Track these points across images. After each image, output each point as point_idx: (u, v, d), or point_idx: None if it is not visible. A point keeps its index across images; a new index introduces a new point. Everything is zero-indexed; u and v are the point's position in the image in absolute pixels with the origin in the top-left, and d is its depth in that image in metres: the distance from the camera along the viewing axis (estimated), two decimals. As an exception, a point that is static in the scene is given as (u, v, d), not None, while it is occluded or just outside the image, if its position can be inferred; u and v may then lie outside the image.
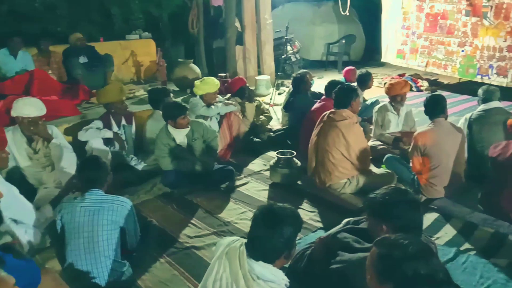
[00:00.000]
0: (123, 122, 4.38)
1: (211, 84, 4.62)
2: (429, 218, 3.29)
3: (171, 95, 4.56)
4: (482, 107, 3.90)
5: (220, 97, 4.92)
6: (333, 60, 10.39)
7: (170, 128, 3.83)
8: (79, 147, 4.02)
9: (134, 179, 4.09)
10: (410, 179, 3.71)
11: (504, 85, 6.66)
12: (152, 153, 4.11)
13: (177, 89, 6.55)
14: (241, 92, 5.10)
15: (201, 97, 4.66)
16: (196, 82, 4.69)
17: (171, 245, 3.08)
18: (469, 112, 4.07)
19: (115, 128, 4.28)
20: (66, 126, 4.59)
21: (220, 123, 4.72)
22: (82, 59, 6.07)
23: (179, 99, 5.04)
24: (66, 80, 6.11)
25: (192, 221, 3.41)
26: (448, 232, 3.10)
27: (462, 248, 2.86)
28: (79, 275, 2.38)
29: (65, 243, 2.46)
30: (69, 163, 3.52)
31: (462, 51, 7.24)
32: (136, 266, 2.71)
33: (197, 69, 6.72)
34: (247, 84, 5.41)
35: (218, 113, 4.73)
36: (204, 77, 4.93)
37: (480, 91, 3.98)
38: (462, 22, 7.17)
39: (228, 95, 5.18)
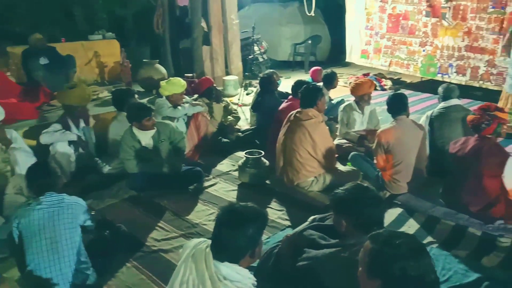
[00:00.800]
0: (82, 124, 4.26)
1: (177, 84, 4.57)
2: (393, 213, 3.38)
3: (136, 96, 4.48)
4: (442, 104, 4.04)
5: (187, 98, 4.87)
6: (300, 60, 10.50)
7: (135, 130, 3.75)
8: (40, 151, 3.89)
9: (99, 182, 3.99)
10: (375, 175, 3.80)
11: (463, 83, 6.95)
12: (117, 155, 4.02)
13: (143, 90, 6.45)
14: (209, 92, 5.07)
15: (167, 98, 4.60)
16: (162, 83, 4.62)
17: (138, 249, 3.02)
18: (430, 110, 4.20)
19: (74, 130, 4.15)
20: (25, 130, 4.42)
21: (187, 124, 4.67)
22: (43, 61, 5.86)
23: (144, 100, 4.97)
24: (25, 82, 5.88)
25: (159, 224, 3.36)
26: (411, 226, 3.19)
27: (425, 242, 2.95)
28: (40, 280, 2.30)
29: (24, 250, 2.37)
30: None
31: (423, 50, 7.48)
32: (102, 271, 2.65)
33: (163, 70, 6.63)
34: (215, 85, 5.38)
35: (185, 114, 4.68)
36: (170, 78, 4.86)
37: (440, 89, 4.13)
38: (423, 23, 7.42)
39: (195, 95, 5.14)
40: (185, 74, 6.78)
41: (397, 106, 3.66)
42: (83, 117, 4.31)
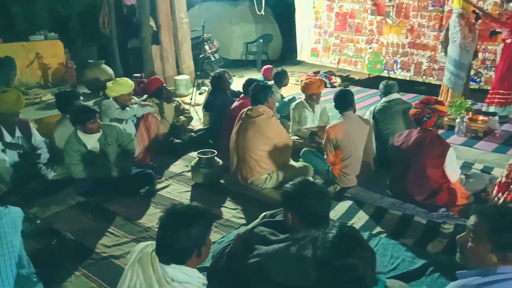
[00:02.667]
0: (18, 133, 3.94)
1: (125, 85, 4.44)
2: (344, 206, 3.47)
3: (81, 98, 4.29)
4: (384, 99, 4.20)
5: (135, 99, 4.75)
6: (253, 59, 10.55)
7: (80, 134, 3.60)
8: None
9: (44, 189, 3.80)
10: (325, 170, 3.89)
11: (408, 78, 7.27)
12: (62, 161, 3.84)
13: (89, 91, 6.21)
14: (159, 92, 4.96)
15: (115, 99, 4.46)
16: (108, 84, 4.47)
17: (87, 256, 2.91)
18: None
19: (8, 138, 3.86)
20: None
21: (137, 125, 4.55)
22: (-23, 63, 5.50)
23: (90, 102, 4.78)
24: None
25: (109, 230, 3.25)
26: (361, 218, 3.28)
27: (374, 232, 3.05)
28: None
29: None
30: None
31: (370, 48, 7.75)
32: (48, 281, 2.51)
33: (109, 70, 6.43)
34: (165, 84, 5.28)
35: (135, 115, 4.55)
36: (117, 78, 4.71)
37: (381, 86, 4.29)
38: (369, 21, 7.68)
39: (145, 96, 5.02)
40: (134, 74, 6.61)
41: (343, 102, 3.77)
42: (20, 124, 4.00)
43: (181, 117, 5.28)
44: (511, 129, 5.24)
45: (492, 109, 5.46)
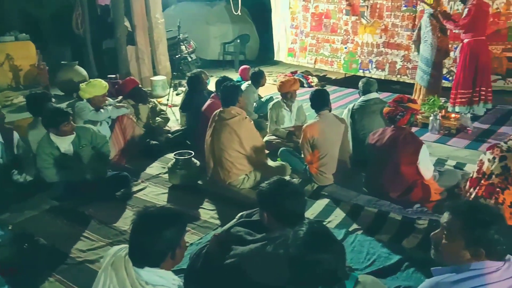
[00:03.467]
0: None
1: (99, 86, 4.36)
2: (321, 204, 3.50)
3: (53, 100, 4.19)
4: (362, 98, 4.25)
5: (110, 100, 4.67)
6: (230, 59, 10.53)
7: (53, 136, 3.52)
8: None
9: (16, 194, 3.69)
10: (303, 169, 3.91)
11: (383, 77, 7.39)
12: (35, 164, 3.74)
13: (62, 93, 6.07)
14: (134, 93, 4.90)
15: (89, 100, 4.38)
16: (82, 85, 4.39)
17: (61, 261, 2.84)
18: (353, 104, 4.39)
19: None
20: None
21: (112, 127, 4.48)
22: None
23: (64, 104, 4.68)
24: None
25: (84, 234, 3.19)
26: (338, 215, 3.32)
27: (351, 229, 3.09)
28: None
29: None
30: None
31: (345, 48, 7.84)
32: None
33: (83, 72, 6.31)
34: (140, 85, 5.21)
35: (109, 117, 4.48)
36: (91, 80, 4.62)
37: (360, 84, 4.33)
38: (344, 21, 7.77)
39: (120, 97, 4.94)
40: (108, 76, 6.50)
41: (319, 102, 3.80)
42: (3, 131, 3.86)
43: (157, 118, 5.22)
44: (482, 126, 5.39)
45: (457, 109, 5.57)
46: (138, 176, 4.17)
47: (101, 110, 4.40)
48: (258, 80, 5.57)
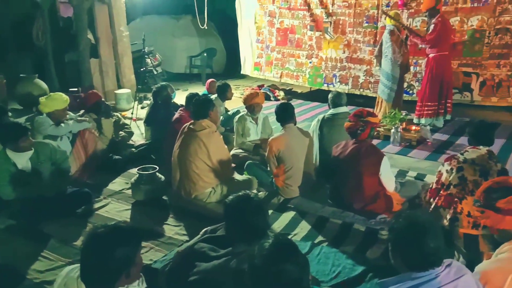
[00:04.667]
0: None
1: (59, 100, 4.24)
2: (287, 217, 3.51)
3: (9, 114, 4.03)
4: (332, 111, 4.29)
5: (71, 114, 4.54)
6: (197, 72, 10.51)
7: (9, 152, 3.37)
8: None
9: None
10: (269, 182, 3.92)
11: (347, 91, 7.55)
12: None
13: (21, 107, 5.86)
14: (96, 107, 4.79)
15: (49, 115, 4.24)
16: (41, 99, 4.25)
17: (18, 283, 2.71)
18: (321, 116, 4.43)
19: None
20: None
21: (73, 142, 4.35)
22: None
23: (22, 119, 4.51)
24: None
25: (43, 254, 3.06)
26: (304, 228, 3.34)
27: (316, 241, 3.11)
28: None
29: None
30: None
31: (310, 62, 8.00)
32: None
33: (43, 85, 6.13)
34: (103, 99, 5.11)
35: (70, 132, 4.35)
36: (51, 93, 4.49)
37: (330, 96, 4.37)
38: (308, 36, 7.94)
39: (82, 111, 4.82)
40: (70, 89, 6.34)
41: (284, 115, 3.84)
42: None
43: (121, 132, 5.12)
44: (441, 137, 5.61)
45: (423, 121, 5.80)
46: (100, 192, 4.06)
47: (62, 124, 4.27)
48: (224, 93, 5.59)
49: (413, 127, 5.45)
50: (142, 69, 7.66)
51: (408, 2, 6.60)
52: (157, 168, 3.90)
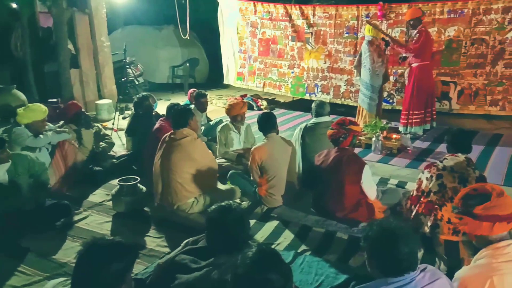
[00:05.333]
0: None
1: (38, 111, 4.17)
2: (270, 227, 3.50)
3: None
4: (314, 120, 4.33)
5: (50, 125, 4.46)
6: (180, 82, 10.49)
7: (-15, 165, 3.30)
8: None
9: None
10: (252, 191, 3.91)
11: (328, 101, 7.63)
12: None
13: (-2, 119, 5.73)
14: (76, 118, 4.72)
15: (27, 126, 4.17)
16: (19, 110, 4.18)
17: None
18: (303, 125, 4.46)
19: None
20: None
21: (52, 153, 4.27)
22: None
23: (-1, 130, 4.41)
24: None
25: (20, 269, 2.97)
26: (287, 237, 3.33)
27: (299, 250, 3.11)
28: None
29: None
30: None
31: (292, 72, 8.07)
32: None
33: (21, 96, 6.02)
34: (83, 109, 5.04)
35: (49, 143, 4.27)
36: (29, 104, 4.41)
37: (313, 106, 4.41)
38: (290, 47, 8.01)
39: (61, 122, 4.74)
40: (49, 100, 6.24)
41: (266, 125, 3.86)
42: None
43: (101, 143, 5.05)
44: (422, 145, 5.70)
45: (412, 129, 5.90)
46: (80, 205, 3.98)
47: (40, 136, 4.20)
48: (198, 100, 5.56)
49: (394, 136, 5.53)
50: (123, 80, 7.61)
51: (387, 13, 6.73)
52: (138, 179, 3.85)
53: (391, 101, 7.02)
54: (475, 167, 3.13)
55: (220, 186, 4.12)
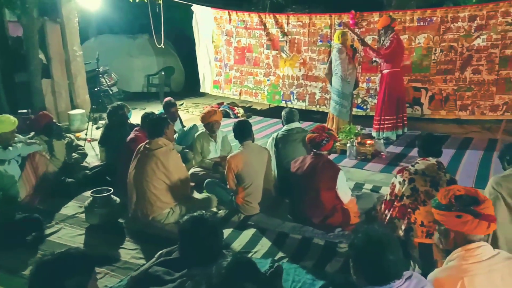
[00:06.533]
0: None
1: (6, 122, 4.05)
2: (247, 235, 3.48)
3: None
4: (285, 127, 4.37)
5: (20, 137, 4.34)
6: (155, 91, 10.40)
7: (-50, 178, 3.17)
8: None
9: None
10: (229, 200, 3.89)
11: (304, 108, 7.71)
12: None
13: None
14: (47, 129, 4.60)
15: (-5, 138, 4.03)
16: (-13, 122, 4.04)
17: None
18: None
19: None
20: None
21: (22, 165, 4.14)
22: None
23: (-35, 143, 4.24)
24: None
25: (-13, 286, 2.86)
26: (264, 245, 3.32)
27: (276, 258, 3.10)
28: None
29: None
30: None
31: (268, 80, 8.11)
32: None
33: (-10, 107, 5.82)
34: (55, 120, 4.93)
35: (19, 155, 4.15)
36: (-4, 115, 4.28)
37: (283, 114, 4.46)
38: (265, 55, 8.07)
39: (32, 133, 4.61)
40: (19, 111, 6.08)
41: (241, 132, 3.86)
42: None
43: (74, 154, 4.94)
44: (395, 150, 5.81)
45: (384, 134, 6.00)
46: (52, 218, 3.87)
47: (10, 147, 4.06)
48: (168, 110, 5.51)
49: (368, 141, 5.61)
50: (96, 89, 7.49)
51: (359, 22, 6.87)
52: (112, 190, 3.78)
53: (364, 107, 7.14)
54: (446, 170, 3.19)
55: (197, 195, 4.08)
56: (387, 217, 3.27)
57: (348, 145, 5.44)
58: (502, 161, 2.94)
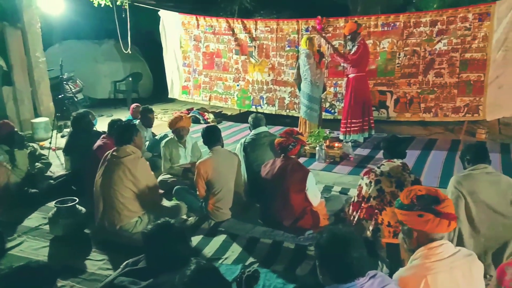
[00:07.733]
0: None
1: (-37, 132, 3.87)
2: (218, 241, 3.46)
3: None
4: (253, 132, 4.39)
5: (-22, 147, 4.15)
6: (123, 97, 10.21)
7: None
8: None
9: None
10: (199, 206, 3.86)
11: (274, 112, 7.76)
12: None
13: None
14: (8, 138, 4.42)
15: (-49, 149, 3.84)
16: None
17: None
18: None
19: None
20: None
21: (-19, 177, 3.97)
22: None
23: None
24: None
25: None
26: (235, 250, 3.30)
27: (247, 263, 3.09)
28: None
29: None
30: None
31: (237, 85, 8.12)
32: None
33: None
34: (17, 129, 4.74)
35: (-23, 166, 3.97)
36: (-47, 125, 4.09)
37: (250, 119, 4.48)
38: (234, 60, 8.07)
39: (-8, 143, 4.42)
40: (-22, 120, 5.81)
41: (210, 138, 3.84)
42: None
43: (37, 163, 4.77)
44: (362, 153, 5.92)
45: (350, 137, 6.11)
46: (14, 230, 3.73)
47: (-33, 158, 3.89)
48: (145, 115, 5.45)
49: (336, 144, 5.70)
50: (60, 96, 7.29)
51: (325, 27, 6.98)
52: (77, 200, 3.67)
53: (332, 111, 7.25)
54: (411, 171, 3.28)
55: (166, 203, 4.01)
56: (355, 219, 3.33)
57: (317, 148, 5.51)
58: (463, 161, 3.05)
